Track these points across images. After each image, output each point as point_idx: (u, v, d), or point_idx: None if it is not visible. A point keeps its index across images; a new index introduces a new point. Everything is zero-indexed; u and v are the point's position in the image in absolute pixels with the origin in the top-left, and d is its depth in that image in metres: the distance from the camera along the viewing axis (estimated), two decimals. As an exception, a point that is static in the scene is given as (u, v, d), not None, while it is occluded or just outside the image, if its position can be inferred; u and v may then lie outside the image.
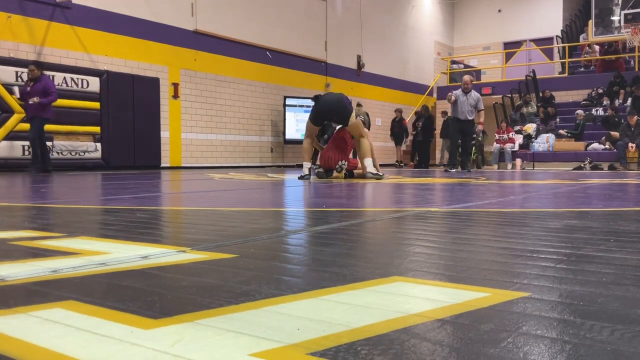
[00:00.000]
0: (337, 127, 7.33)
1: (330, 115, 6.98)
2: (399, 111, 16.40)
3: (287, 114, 14.51)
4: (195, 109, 12.69)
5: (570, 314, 0.92)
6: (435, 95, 20.03)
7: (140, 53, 11.51)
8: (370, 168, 6.80)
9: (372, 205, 3.26)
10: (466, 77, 10.53)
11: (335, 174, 7.10)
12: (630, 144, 12.66)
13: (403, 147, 16.71)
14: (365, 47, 17.79)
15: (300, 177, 6.75)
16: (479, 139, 14.36)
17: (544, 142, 14.26)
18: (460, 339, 0.79)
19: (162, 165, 11.76)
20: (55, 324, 0.88)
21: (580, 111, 14.91)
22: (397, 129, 16.26)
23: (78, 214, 2.78)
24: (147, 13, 11.62)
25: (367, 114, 10.48)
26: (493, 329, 0.83)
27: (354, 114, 6.81)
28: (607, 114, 14.34)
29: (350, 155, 7.39)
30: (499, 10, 22.22)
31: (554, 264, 1.37)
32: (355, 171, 7.15)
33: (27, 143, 9.01)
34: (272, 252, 1.62)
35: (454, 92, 10.49)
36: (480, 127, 10.69)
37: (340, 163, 6.99)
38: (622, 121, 13.55)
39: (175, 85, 12.17)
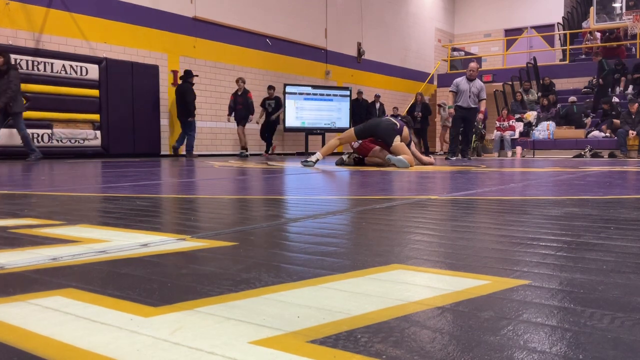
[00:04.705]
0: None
1: (373, 133, 7.03)
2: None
3: (287, 101, 14.45)
4: (194, 97, 12.63)
5: (570, 302, 0.92)
6: (435, 82, 19.95)
7: (140, 40, 11.45)
8: (395, 160, 6.61)
9: (371, 193, 3.26)
10: (473, 64, 10.25)
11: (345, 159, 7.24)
12: (630, 132, 12.63)
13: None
14: (365, 34, 17.68)
15: (304, 162, 6.79)
16: (480, 127, 14.33)
17: (544, 130, 14.23)
18: (460, 326, 0.79)
19: (162, 153, 11.75)
20: (54, 311, 0.88)
21: (573, 97, 14.90)
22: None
23: (78, 202, 2.77)
24: (146, 0, 11.55)
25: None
26: (493, 317, 0.83)
27: (397, 137, 6.82)
28: (604, 107, 14.23)
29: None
30: (500, -3, 22.08)
31: (554, 251, 1.37)
32: (367, 158, 7.06)
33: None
34: (272, 240, 1.62)
35: (456, 79, 10.36)
36: (480, 116, 10.59)
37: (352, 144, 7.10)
38: (621, 109, 13.49)
39: (175, 73, 12.11)
